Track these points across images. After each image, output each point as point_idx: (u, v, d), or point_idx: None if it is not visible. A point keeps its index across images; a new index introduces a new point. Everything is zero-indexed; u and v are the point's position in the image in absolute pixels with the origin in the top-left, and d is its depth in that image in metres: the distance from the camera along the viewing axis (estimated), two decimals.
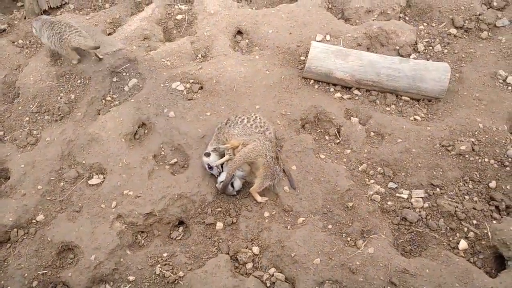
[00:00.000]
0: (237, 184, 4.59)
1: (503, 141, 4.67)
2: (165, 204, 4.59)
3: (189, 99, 5.26)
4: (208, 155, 4.61)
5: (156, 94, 5.28)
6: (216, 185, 4.62)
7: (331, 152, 4.93)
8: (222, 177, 4.53)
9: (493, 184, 4.51)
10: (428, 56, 5.56)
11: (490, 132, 4.71)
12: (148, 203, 4.58)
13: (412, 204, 4.46)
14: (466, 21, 5.68)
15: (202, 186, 4.68)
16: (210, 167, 4.57)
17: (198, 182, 4.68)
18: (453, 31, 5.68)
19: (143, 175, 4.74)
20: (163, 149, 4.99)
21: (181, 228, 4.64)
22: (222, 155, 4.64)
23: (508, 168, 4.56)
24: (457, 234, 4.26)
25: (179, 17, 6.05)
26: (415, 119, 5.05)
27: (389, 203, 4.53)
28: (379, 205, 4.52)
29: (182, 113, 5.11)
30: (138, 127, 5.16)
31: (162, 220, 4.60)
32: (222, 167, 4.64)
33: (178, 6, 6.13)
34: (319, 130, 5.17)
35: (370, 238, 4.25)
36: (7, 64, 5.52)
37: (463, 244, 4.22)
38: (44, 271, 4.22)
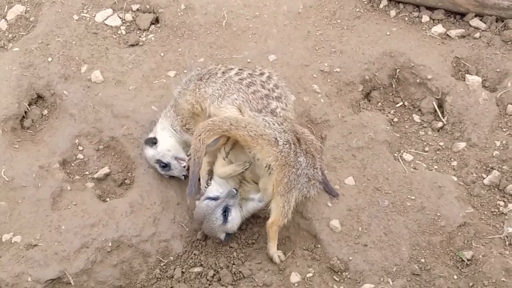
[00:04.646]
0: (232, 222, 3.44)
1: None
2: (88, 260, 3.58)
3: (133, 45, 4.48)
4: (152, 143, 3.68)
5: (64, 36, 4.47)
6: (194, 212, 3.62)
7: (426, 149, 4.05)
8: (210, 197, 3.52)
9: None
10: None
11: None
12: (54, 259, 3.57)
13: None
14: None
15: (163, 222, 3.70)
16: (164, 166, 3.61)
17: (153, 213, 3.71)
18: None
19: (41, 202, 3.76)
20: (80, 147, 4.06)
21: None
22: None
23: None
24: None
25: None
26: None
27: None
28: None
29: (117, 73, 4.29)
30: (30, 104, 4.23)
31: None
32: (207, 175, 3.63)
33: None
34: (401, 104, 4.30)
35: None
36: None
37: None
38: None
